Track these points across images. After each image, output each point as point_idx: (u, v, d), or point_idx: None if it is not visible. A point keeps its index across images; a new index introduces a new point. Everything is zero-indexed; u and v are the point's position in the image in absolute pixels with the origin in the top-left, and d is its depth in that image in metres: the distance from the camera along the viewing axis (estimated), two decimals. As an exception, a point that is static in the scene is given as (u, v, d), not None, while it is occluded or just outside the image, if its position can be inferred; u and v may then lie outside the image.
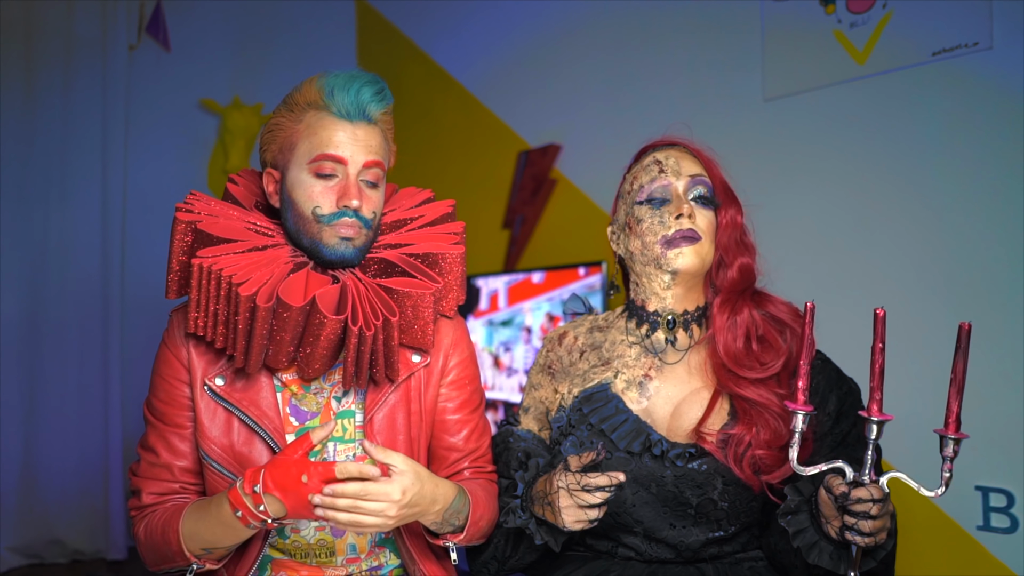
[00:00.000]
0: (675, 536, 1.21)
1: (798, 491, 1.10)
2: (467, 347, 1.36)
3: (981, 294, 1.78)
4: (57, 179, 2.97)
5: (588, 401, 1.27)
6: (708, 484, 1.18)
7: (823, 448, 1.18)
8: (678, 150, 1.31)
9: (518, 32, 2.97)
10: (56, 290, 2.95)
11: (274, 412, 1.22)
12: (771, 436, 1.17)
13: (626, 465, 1.20)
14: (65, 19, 3.01)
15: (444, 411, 1.32)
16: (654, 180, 1.28)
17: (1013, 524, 1.70)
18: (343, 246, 1.20)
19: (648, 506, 1.20)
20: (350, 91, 1.19)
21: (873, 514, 0.98)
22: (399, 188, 1.43)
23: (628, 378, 1.27)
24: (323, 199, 1.19)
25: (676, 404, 1.25)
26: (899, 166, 1.92)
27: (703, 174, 1.28)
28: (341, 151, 1.18)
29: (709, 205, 1.27)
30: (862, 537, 1.00)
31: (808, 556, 1.07)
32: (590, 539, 1.28)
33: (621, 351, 1.30)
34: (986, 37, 1.79)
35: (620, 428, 1.23)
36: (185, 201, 1.25)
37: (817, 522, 1.07)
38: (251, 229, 1.24)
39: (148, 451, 1.26)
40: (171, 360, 1.25)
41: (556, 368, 1.36)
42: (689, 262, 1.24)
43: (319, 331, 1.15)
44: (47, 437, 2.92)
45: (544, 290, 2.57)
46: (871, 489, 0.99)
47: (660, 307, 1.29)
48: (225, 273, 1.14)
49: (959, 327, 0.97)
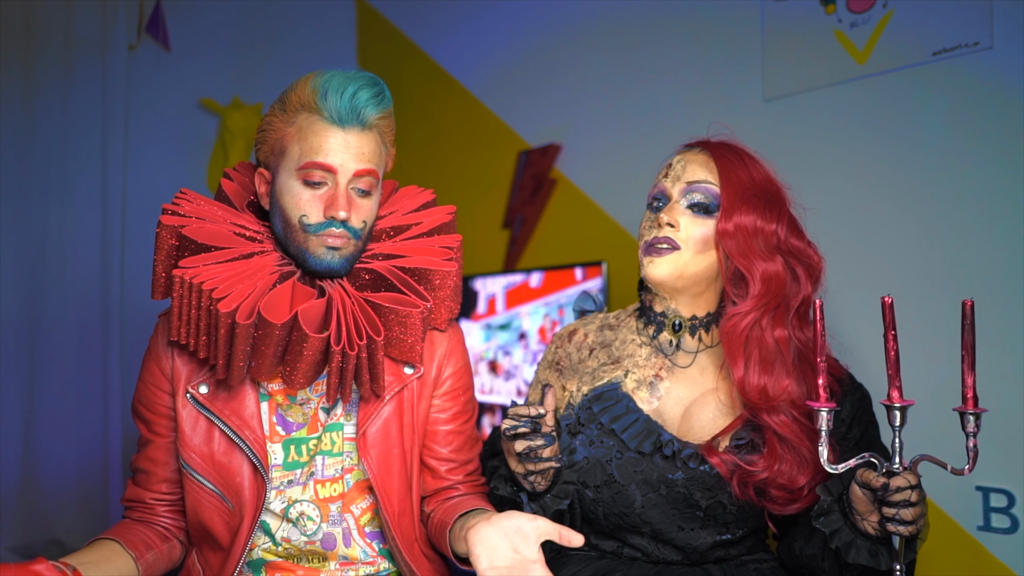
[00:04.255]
0: (683, 538, 1.19)
1: (828, 490, 1.09)
2: (461, 357, 1.33)
3: (981, 294, 1.77)
4: (56, 179, 2.97)
5: (598, 400, 1.25)
6: (719, 487, 1.16)
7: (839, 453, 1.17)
8: (695, 153, 1.27)
9: (518, 32, 2.96)
10: (56, 290, 2.95)
11: (256, 423, 1.20)
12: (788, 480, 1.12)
13: (636, 465, 1.19)
14: (65, 19, 3.00)
15: (436, 421, 1.30)
16: (657, 184, 1.27)
17: (1014, 524, 1.70)
18: (329, 256, 1.17)
19: (657, 508, 1.19)
20: (344, 94, 1.13)
21: (913, 501, 0.97)
22: (400, 186, 1.41)
23: (639, 378, 1.25)
24: (310, 208, 1.15)
25: (687, 406, 1.23)
26: (899, 166, 1.92)
27: (707, 180, 1.22)
28: (331, 159, 1.14)
29: (705, 213, 1.21)
30: (905, 526, 0.98)
31: (847, 555, 1.05)
32: (595, 539, 1.27)
33: (632, 350, 1.28)
34: (986, 37, 1.79)
35: (631, 428, 1.21)
36: (173, 201, 1.21)
37: (850, 520, 1.06)
38: (239, 234, 1.21)
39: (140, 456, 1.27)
40: (153, 369, 1.24)
41: (564, 365, 1.33)
42: (659, 272, 1.20)
43: (301, 347, 1.12)
44: (47, 437, 2.92)
45: (542, 294, 2.57)
46: (907, 476, 0.98)
47: (666, 308, 1.27)
48: (206, 287, 1.10)
49: (962, 304, 0.96)
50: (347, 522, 1.25)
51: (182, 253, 1.17)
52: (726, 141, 1.28)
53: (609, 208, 2.61)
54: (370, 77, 1.18)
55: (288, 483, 1.22)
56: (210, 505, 1.20)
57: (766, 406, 1.14)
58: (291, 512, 1.22)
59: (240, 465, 1.19)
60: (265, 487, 1.19)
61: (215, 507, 1.20)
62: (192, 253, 1.16)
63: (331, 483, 1.24)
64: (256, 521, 1.19)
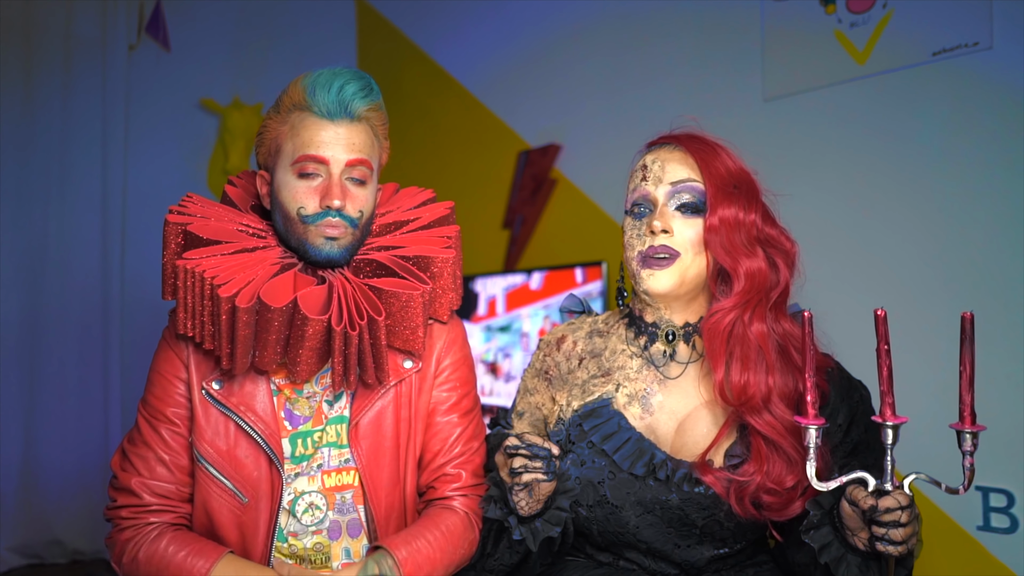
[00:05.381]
0: (680, 554, 1.17)
1: (819, 504, 1.06)
2: (461, 349, 1.34)
3: (981, 294, 1.78)
4: (57, 179, 2.97)
5: (589, 417, 1.20)
6: (715, 507, 1.13)
7: (836, 459, 1.14)
8: (669, 149, 1.21)
9: (518, 32, 2.97)
10: (56, 290, 2.95)
11: (270, 416, 1.22)
12: (775, 483, 1.09)
13: (630, 487, 1.15)
14: (65, 19, 3.00)
15: (435, 412, 1.30)
16: (637, 188, 1.20)
17: (1013, 524, 1.70)
18: (328, 246, 1.20)
19: (652, 528, 1.15)
20: (331, 89, 1.19)
21: (903, 521, 0.95)
22: (400, 188, 1.42)
23: (630, 392, 1.20)
24: (306, 199, 1.19)
25: (680, 420, 1.19)
26: (899, 166, 1.92)
27: (691, 178, 1.17)
28: (322, 151, 1.18)
29: (695, 213, 1.16)
30: (895, 547, 0.96)
31: (837, 571, 1.03)
32: (591, 549, 1.25)
33: (622, 362, 1.23)
34: (986, 37, 1.79)
35: (622, 448, 1.16)
36: (179, 204, 1.26)
37: (841, 535, 1.04)
38: (242, 231, 1.25)
39: (140, 446, 1.24)
40: (171, 357, 1.25)
41: (553, 374, 1.29)
42: (660, 285, 1.16)
43: (303, 331, 1.14)
44: (47, 437, 2.92)
45: (542, 296, 2.57)
46: (897, 496, 0.96)
47: (657, 318, 1.21)
48: (207, 275, 1.14)
49: (962, 318, 0.93)
50: (358, 513, 1.26)
51: (188, 249, 1.20)
52: (693, 133, 1.23)
53: (609, 208, 2.61)
54: (357, 73, 1.24)
55: (295, 476, 1.24)
56: (220, 499, 1.22)
57: (748, 406, 1.11)
58: (298, 505, 1.23)
59: (257, 459, 1.21)
60: (281, 480, 1.21)
61: (226, 502, 1.21)
62: (196, 247, 1.20)
63: (336, 473, 1.26)
64: (275, 513, 1.21)
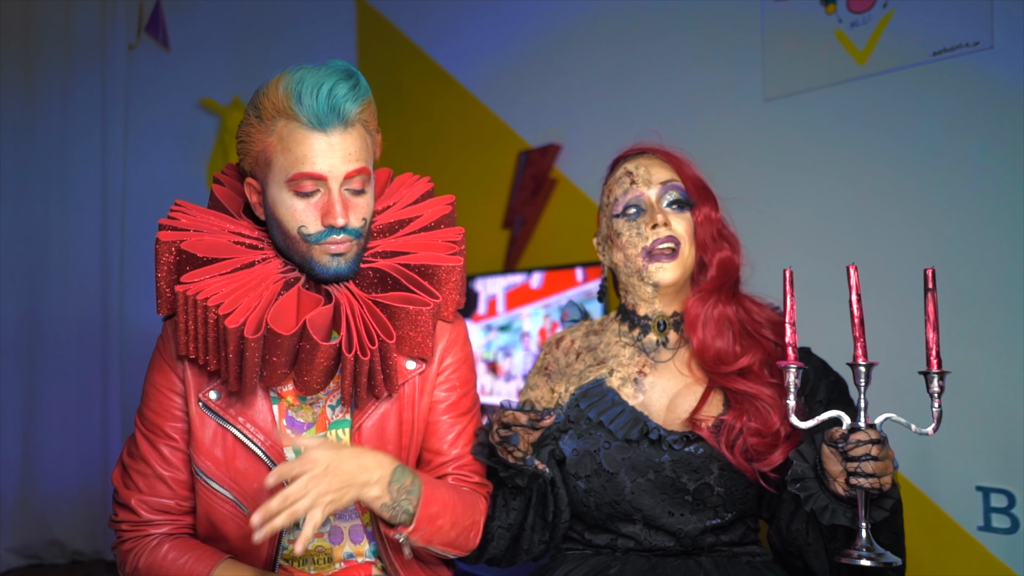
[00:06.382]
0: (673, 523, 1.23)
1: (802, 456, 1.13)
2: (463, 349, 1.32)
3: (981, 294, 1.77)
4: (56, 179, 2.97)
5: (585, 397, 1.30)
6: (704, 469, 1.21)
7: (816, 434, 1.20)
8: (647, 157, 1.33)
9: (518, 32, 2.96)
10: (55, 290, 2.95)
11: (269, 427, 1.18)
12: (762, 424, 1.20)
13: (624, 453, 1.24)
14: (64, 19, 3.00)
15: (434, 411, 1.28)
16: (627, 192, 1.31)
17: (1014, 524, 1.69)
18: (335, 263, 1.15)
19: (646, 493, 1.23)
20: (320, 94, 1.08)
21: (875, 455, 1.01)
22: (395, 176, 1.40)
23: (623, 375, 1.31)
24: (307, 218, 1.12)
25: (672, 396, 1.29)
26: (899, 166, 1.92)
27: (674, 178, 1.31)
28: (319, 167, 1.10)
29: (684, 208, 1.30)
30: (867, 479, 1.01)
31: (822, 518, 1.09)
32: (589, 534, 1.30)
33: (616, 351, 1.34)
34: (987, 37, 1.78)
35: (618, 419, 1.26)
36: (169, 215, 1.19)
37: (825, 486, 1.09)
38: (238, 243, 1.19)
39: (139, 461, 1.22)
40: (165, 370, 1.22)
41: (552, 369, 1.39)
42: (670, 276, 1.28)
43: (313, 356, 1.11)
44: (47, 438, 2.92)
45: (542, 296, 2.57)
46: (868, 432, 1.02)
47: (650, 311, 1.33)
48: (211, 303, 1.08)
49: (924, 273, 1.03)
50: (360, 519, 1.25)
51: (183, 268, 1.14)
52: (657, 146, 1.36)
53: (609, 208, 2.61)
54: (343, 69, 1.13)
55: None
56: (223, 511, 1.19)
57: (723, 370, 1.24)
58: None
59: (256, 471, 1.18)
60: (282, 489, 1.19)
61: (229, 513, 1.19)
62: (193, 267, 1.14)
63: None
64: None
